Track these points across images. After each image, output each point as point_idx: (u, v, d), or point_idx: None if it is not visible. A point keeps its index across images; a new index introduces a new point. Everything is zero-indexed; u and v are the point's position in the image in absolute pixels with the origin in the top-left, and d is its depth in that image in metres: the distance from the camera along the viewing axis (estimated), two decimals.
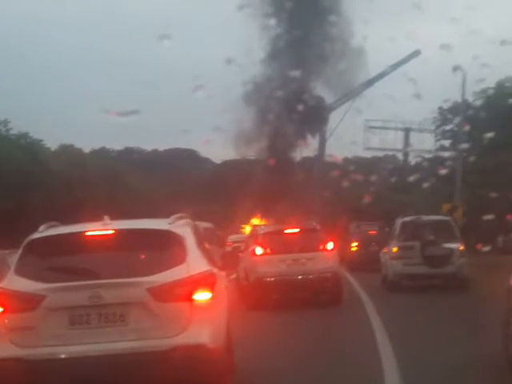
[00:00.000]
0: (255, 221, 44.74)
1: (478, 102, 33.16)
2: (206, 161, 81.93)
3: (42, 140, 41.99)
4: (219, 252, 18.50)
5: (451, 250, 18.31)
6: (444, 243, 18.37)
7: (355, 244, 30.42)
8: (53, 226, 7.33)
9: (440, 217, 22.13)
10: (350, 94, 45.86)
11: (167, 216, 7.45)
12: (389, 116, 49.42)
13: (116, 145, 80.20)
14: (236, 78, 43.27)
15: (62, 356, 6.44)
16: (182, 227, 7.22)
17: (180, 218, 7.51)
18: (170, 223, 7.17)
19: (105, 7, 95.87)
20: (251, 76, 42.33)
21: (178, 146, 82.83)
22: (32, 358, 6.43)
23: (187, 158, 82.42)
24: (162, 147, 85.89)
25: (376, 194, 41.68)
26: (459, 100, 33.24)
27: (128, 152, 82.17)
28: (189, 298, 6.58)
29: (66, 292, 6.54)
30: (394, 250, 19.03)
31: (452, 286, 18.24)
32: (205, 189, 66.14)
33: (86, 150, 59.64)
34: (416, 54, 45.00)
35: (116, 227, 7.05)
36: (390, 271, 19.08)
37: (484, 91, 33.22)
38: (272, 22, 41.50)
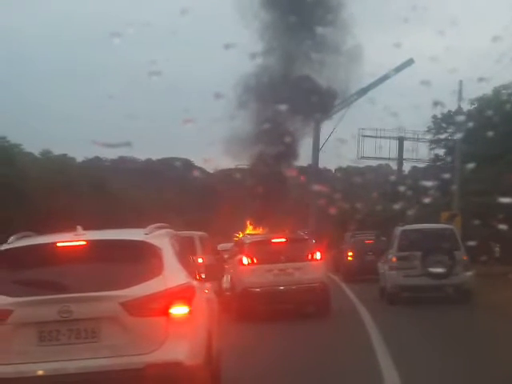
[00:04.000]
0: (249, 230, 44.17)
1: (474, 110, 32.69)
2: (200, 170, 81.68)
3: (20, 144, 40.75)
4: (212, 260, 17.85)
5: (454, 260, 17.53)
6: (446, 253, 17.59)
7: (351, 254, 29.63)
8: (25, 237, 6.99)
9: (442, 225, 21.42)
10: (343, 103, 45.46)
11: None
12: (382, 125, 48.98)
13: (110, 154, 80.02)
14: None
15: (31, 374, 6.11)
16: (159, 238, 6.89)
17: (158, 227, 7.18)
18: (146, 233, 6.88)
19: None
20: (244, 80, 41.70)
21: (171, 156, 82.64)
22: None
23: (181, 167, 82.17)
24: (155, 156, 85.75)
25: (371, 203, 41.19)
26: (455, 107, 32.76)
27: (121, 161, 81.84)
28: (165, 313, 6.25)
29: (34, 306, 6.18)
30: (393, 259, 18.26)
31: (455, 298, 17.53)
32: (198, 198, 65.83)
33: (80, 159, 59.15)
34: (409, 62, 44.60)
35: (88, 238, 6.72)
36: (388, 282, 18.29)
37: (480, 99, 32.74)
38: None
